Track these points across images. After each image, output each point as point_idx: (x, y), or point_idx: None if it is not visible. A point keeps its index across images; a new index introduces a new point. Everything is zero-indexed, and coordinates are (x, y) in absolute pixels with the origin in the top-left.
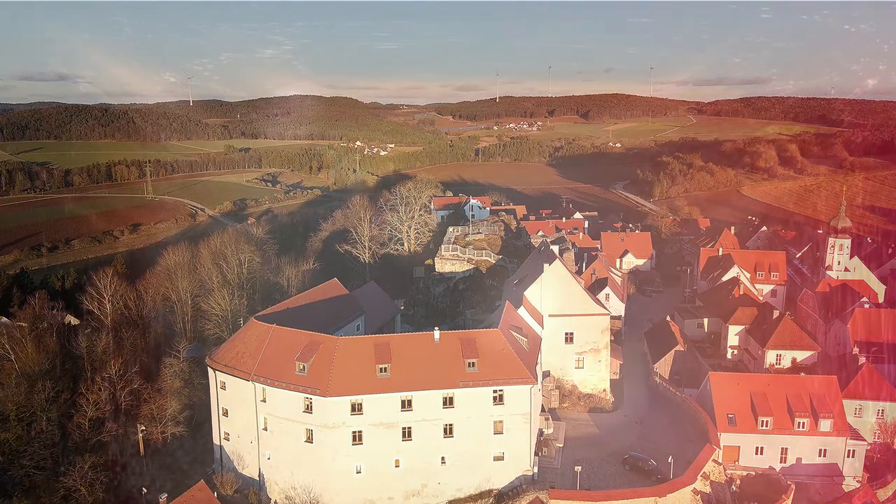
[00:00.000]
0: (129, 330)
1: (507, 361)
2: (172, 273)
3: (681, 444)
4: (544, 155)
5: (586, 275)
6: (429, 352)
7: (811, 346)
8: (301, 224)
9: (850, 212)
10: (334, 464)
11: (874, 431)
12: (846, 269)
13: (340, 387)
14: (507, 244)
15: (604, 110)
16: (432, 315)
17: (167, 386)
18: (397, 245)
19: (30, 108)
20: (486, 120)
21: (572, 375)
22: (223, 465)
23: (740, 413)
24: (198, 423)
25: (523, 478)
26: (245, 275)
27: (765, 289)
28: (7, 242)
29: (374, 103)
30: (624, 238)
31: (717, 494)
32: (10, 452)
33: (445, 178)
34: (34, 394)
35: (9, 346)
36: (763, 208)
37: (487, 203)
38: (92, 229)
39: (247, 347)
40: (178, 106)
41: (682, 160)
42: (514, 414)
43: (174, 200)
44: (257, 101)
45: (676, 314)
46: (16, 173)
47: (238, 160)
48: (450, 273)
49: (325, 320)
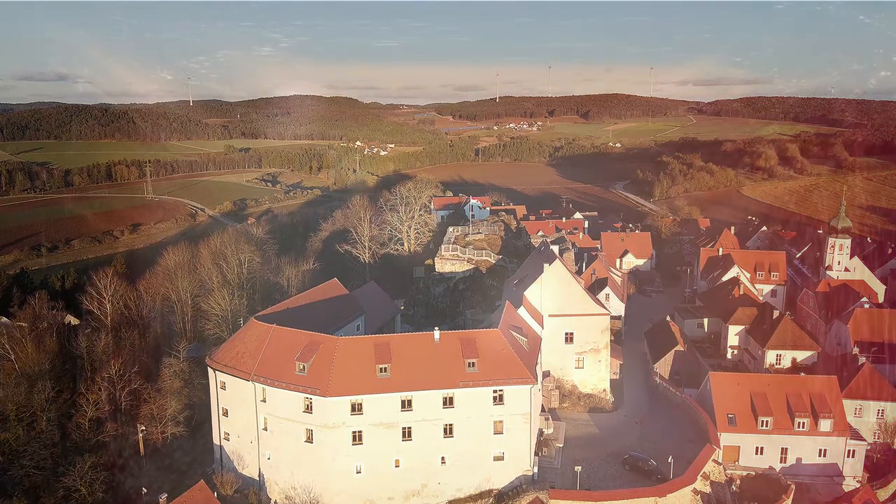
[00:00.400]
0: (129, 330)
1: (507, 361)
2: (172, 273)
3: (681, 444)
4: (544, 155)
5: (586, 275)
6: (429, 352)
7: (811, 346)
8: (301, 224)
9: (850, 212)
10: (334, 464)
11: (874, 431)
12: (846, 269)
13: (340, 387)
14: (507, 244)
15: (604, 110)
16: (432, 315)
17: (167, 386)
18: (397, 245)
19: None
20: (486, 120)
21: (572, 375)
22: (223, 465)
23: (740, 413)
24: (198, 423)
25: (523, 478)
26: (245, 275)
27: (765, 289)
28: (7, 242)
29: (374, 103)
30: (624, 238)
31: (717, 494)
32: (10, 452)
33: (445, 178)
34: (34, 394)
35: (9, 346)
36: (763, 208)
37: (487, 203)
38: (92, 229)
39: (247, 347)
40: (178, 106)
41: (682, 160)
42: (514, 414)
43: (174, 200)
44: (257, 101)
45: (676, 314)
46: (16, 173)
47: (238, 160)
48: (450, 273)
49: (325, 320)
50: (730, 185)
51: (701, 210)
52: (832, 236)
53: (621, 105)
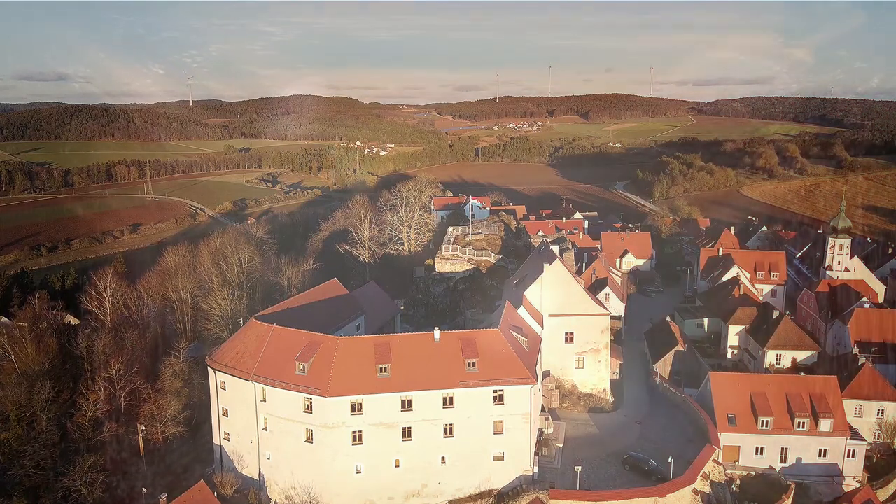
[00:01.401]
0: (129, 330)
1: (507, 361)
2: (172, 273)
3: (681, 444)
4: (544, 155)
5: (586, 275)
6: (429, 352)
7: (811, 346)
8: (301, 224)
9: (850, 212)
10: (334, 464)
11: (874, 431)
12: (846, 269)
13: (340, 387)
14: (507, 244)
15: (604, 110)
16: (432, 315)
17: (167, 386)
18: (397, 245)
19: (30, 108)
20: (486, 120)
21: (572, 375)
22: (223, 465)
23: (740, 413)
24: (198, 423)
25: (523, 478)
26: (245, 275)
27: (765, 289)
28: (7, 242)
29: (374, 103)
30: (624, 238)
31: (717, 494)
32: (10, 452)
33: (445, 178)
34: (34, 394)
35: (9, 346)
36: (763, 208)
37: (487, 203)
38: (92, 229)
39: (247, 347)
40: (178, 106)
41: (682, 160)
42: (514, 414)
43: (174, 200)
44: (257, 101)
45: (676, 314)
46: (16, 173)
47: (238, 160)
48: (450, 273)
49: (325, 320)
50: (730, 185)
51: (701, 210)
52: (832, 236)
53: (621, 105)
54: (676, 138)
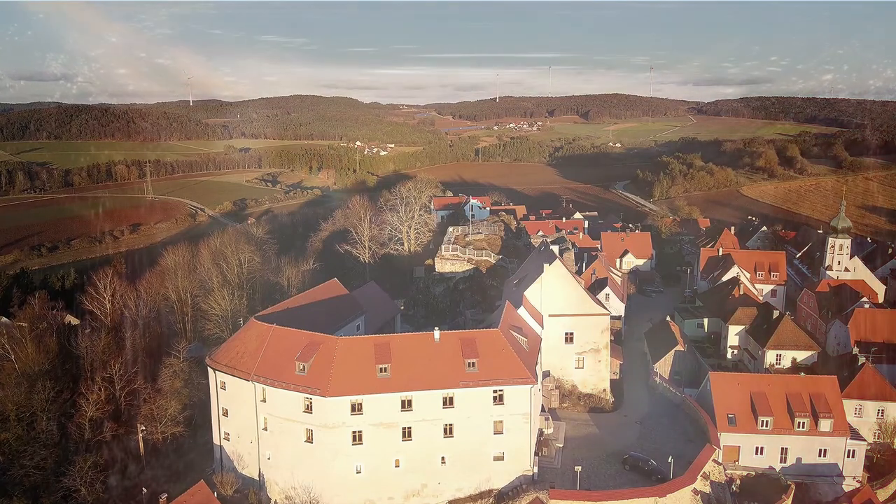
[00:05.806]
0: (129, 330)
1: (507, 361)
2: (172, 273)
3: (681, 444)
4: (544, 155)
5: (586, 275)
6: (429, 352)
7: (811, 346)
8: (301, 224)
9: (850, 212)
10: (334, 464)
11: (874, 431)
12: (846, 269)
13: (340, 387)
14: (507, 244)
15: (604, 110)
16: (432, 315)
17: (167, 386)
18: (397, 245)
19: (30, 108)
20: (486, 120)
21: (572, 375)
22: (223, 465)
23: (740, 413)
24: (198, 423)
25: (523, 478)
26: (245, 275)
27: (765, 289)
28: (7, 242)
29: (374, 103)
30: (624, 238)
31: (717, 494)
32: (10, 452)
33: (445, 178)
34: (34, 394)
35: (9, 346)
36: (763, 208)
37: (487, 203)
38: (92, 229)
39: (247, 347)
40: (178, 106)
41: (682, 160)
42: (514, 414)
43: (174, 200)
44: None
45: (676, 314)
46: (16, 173)
47: (238, 160)
48: (450, 273)
49: (325, 320)
50: (730, 185)
51: (701, 210)
52: (832, 236)
53: (621, 105)
54: (676, 138)
